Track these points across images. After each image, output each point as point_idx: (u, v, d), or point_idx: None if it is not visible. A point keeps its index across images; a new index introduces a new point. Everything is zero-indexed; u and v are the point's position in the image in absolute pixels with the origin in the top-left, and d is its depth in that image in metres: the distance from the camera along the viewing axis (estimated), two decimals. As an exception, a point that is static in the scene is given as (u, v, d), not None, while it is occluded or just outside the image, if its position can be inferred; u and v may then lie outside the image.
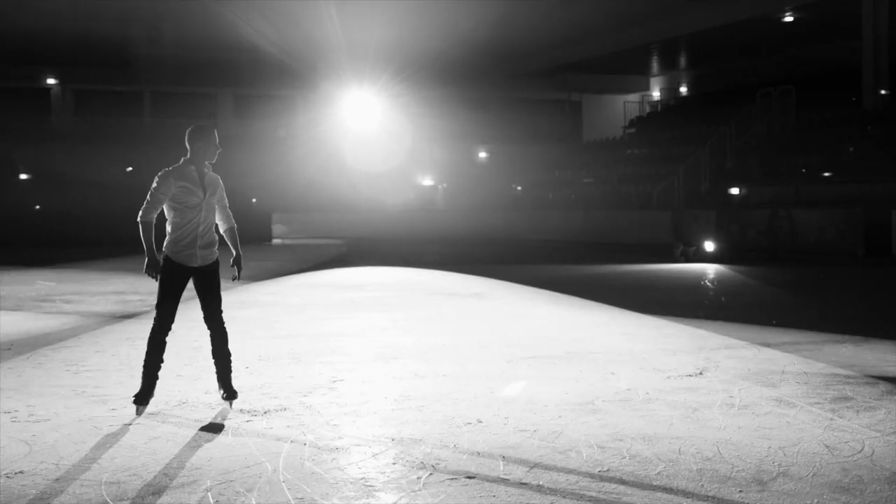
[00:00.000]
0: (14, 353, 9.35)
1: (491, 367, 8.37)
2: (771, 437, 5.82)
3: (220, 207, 6.75)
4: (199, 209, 6.53)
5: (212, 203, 6.63)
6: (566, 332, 10.64)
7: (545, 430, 6.04)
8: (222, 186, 6.78)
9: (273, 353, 9.26)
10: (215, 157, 6.69)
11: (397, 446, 5.67)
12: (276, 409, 6.70)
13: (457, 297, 14.98)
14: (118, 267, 21.52)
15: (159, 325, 6.58)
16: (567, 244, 31.29)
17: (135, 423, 6.25)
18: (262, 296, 15.29)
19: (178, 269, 6.56)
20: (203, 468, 5.19)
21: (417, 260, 24.13)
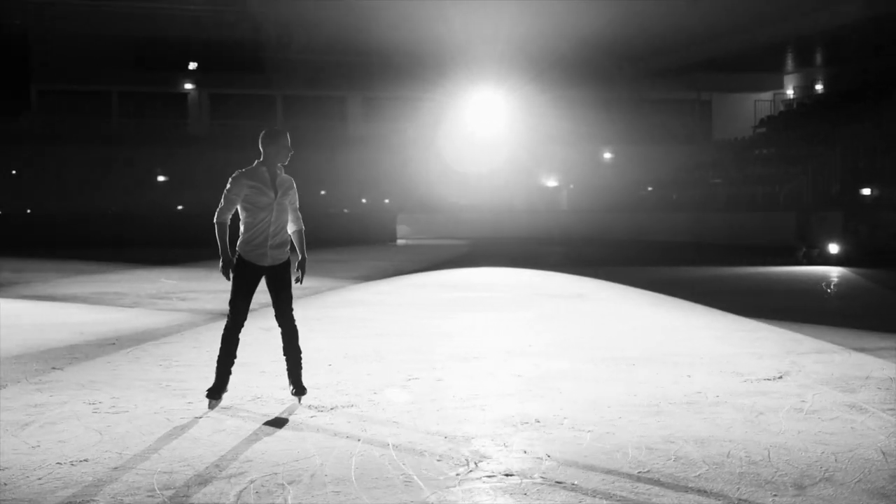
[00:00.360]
0: (117, 347, 9.82)
1: (567, 368, 8.39)
2: (828, 443, 5.70)
3: (291, 209, 6.98)
4: (270, 209, 6.77)
5: (283, 204, 6.85)
6: (656, 335, 10.55)
7: (600, 431, 6.05)
8: (295, 189, 7.00)
9: (359, 352, 9.47)
10: (287, 159, 6.93)
11: (448, 444, 5.78)
12: (344, 406, 6.89)
13: (560, 297, 14.98)
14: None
15: (232, 323, 6.85)
16: (690, 246, 30.78)
17: (205, 417, 6.53)
18: (370, 295, 15.58)
19: (250, 268, 6.82)
20: (255, 461, 5.40)
21: (536, 261, 24.13)
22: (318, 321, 12.08)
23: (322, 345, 9.93)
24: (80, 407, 6.81)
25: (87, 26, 38.18)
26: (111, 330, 11.17)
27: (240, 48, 42.44)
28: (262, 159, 6.89)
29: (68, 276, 19.92)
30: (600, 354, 9.14)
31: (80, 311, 13.19)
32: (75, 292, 16.18)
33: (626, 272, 20.14)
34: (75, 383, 7.71)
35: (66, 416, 6.52)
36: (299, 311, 13.26)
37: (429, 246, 34.14)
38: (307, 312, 13.04)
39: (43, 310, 13.52)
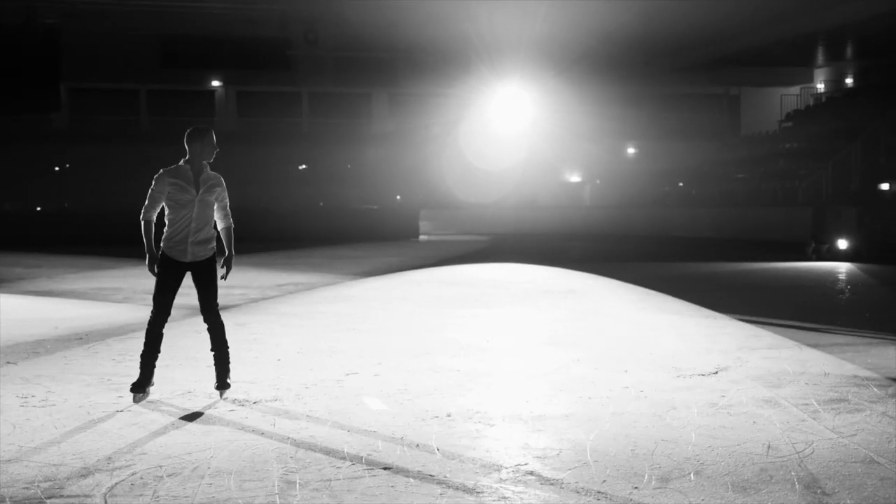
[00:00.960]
0: (83, 342, 10.01)
1: (510, 364, 8.44)
2: (720, 437, 5.73)
3: (218, 206, 7.10)
4: (191, 206, 6.91)
5: (207, 201, 6.98)
6: (622, 331, 10.57)
7: (503, 426, 6.11)
8: (223, 186, 7.13)
9: (317, 346, 9.58)
10: (213, 156, 7.07)
11: (348, 438, 5.87)
12: (268, 400, 7.00)
13: (551, 294, 14.98)
14: (258, 263, 22.42)
15: (155, 318, 6.98)
16: (708, 241, 30.59)
17: (126, 411, 6.67)
18: (363, 291, 15.69)
19: (172, 264, 6.94)
20: (149, 454, 5.53)
21: (551, 257, 24.08)
22: (297, 317, 12.21)
23: (285, 340, 10.05)
24: (11, 400, 6.98)
25: (116, 24, 38.64)
26: (87, 325, 11.37)
27: (266, 45, 42.72)
28: (187, 157, 7.02)
29: (79, 271, 20.25)
30: (552, 350, 9.19)
31: (68, 307, 13.44)
32: (75, 288, 16.46)
33: (631, 268, 20.10)
34: (20, 378, 7.90)
35: (-9, 409, 6.70)
36: (289, 305, 13.58)
37: (448, 242, 34.21)
38: (291, 308, 13.22)
39: (34, 305, 13.79)
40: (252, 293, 15.38)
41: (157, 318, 6.99)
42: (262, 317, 12.21)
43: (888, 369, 7.93)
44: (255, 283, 17.11)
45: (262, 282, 17.37)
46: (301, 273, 19.59)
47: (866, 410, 6.37)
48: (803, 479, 4.87)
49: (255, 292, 15.55)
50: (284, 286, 16.64)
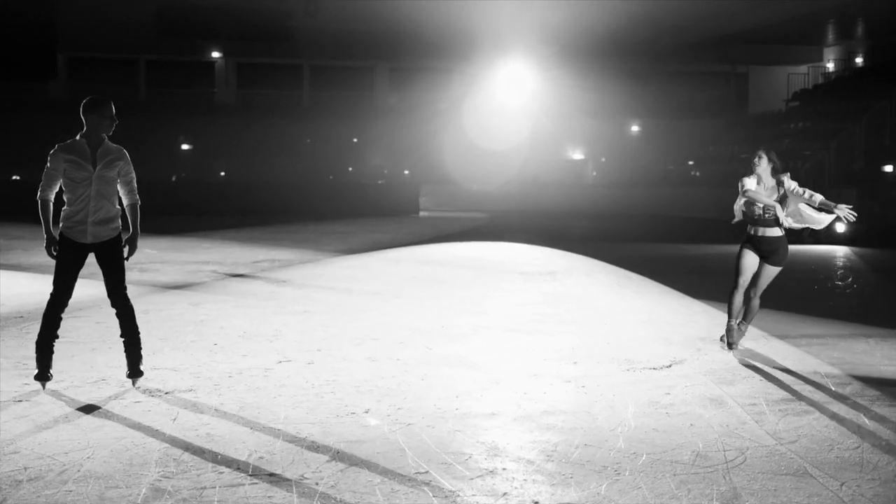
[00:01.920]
0: (22, 320, 9.58)
1: (450, 351, 7.97)
2: (648, 442, 5.26)
3: (122, 182, 6.63)
4: (88, 183, 6.44)
5: (107, 177, 6.51)
6: (590, 317, 10.09)
7: (396, 417, 5.66)
8: (127, 160, 6.65)
9: (261, 330, 9.12)
10: (111, 129, 6.59)
11: (249, 437, 5.43)
12: (183, 391, 6.56)
13: (530, 276, 14.48)
14: (244, 238, 21.97)
15: (53, 301, 6.54)
16: (709, 221, 29.98)
17: (25, 400, 6.23)
18: (334, 269, 15.22)
19: (72, 246, 6.49)
20: (21, 452, 5.09)
21: (549, 235, 23.52)
22: (255, 297, 11.77)
23: (232, 323, 9.61)
24: None
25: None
26: (35, 302, 10.87)
27: (267, 16, 42.19)
28: (84, 131, 6.55)
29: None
30: (507, 338, 8.72)
31: (25, 282, 13.01)
32: (43, 261, 15.99)
33: (624, 249, 19.58)
34: (-67, 360, 7.48)
35: None
36: (253, 284, 13.13)
37: (446, 219, 33.69)
38: (252, 287, 12.78)
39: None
40: (223, 269, 14.95)
41: (55, 301, 6.54)
42: (220, 296, 11.76)
43: (852, 365, 7.44)
44: (231, 258, 16.66)
45: (239, 258, 16.92)
46: (283, 249, 19.13)
47: (815, 413, 5.89)
48: (724, 495, 4.41)
49: (228, 269, 15.12)
50: (259, 263, 16.19)
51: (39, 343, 6.52)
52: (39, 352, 6.50)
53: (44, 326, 6.54)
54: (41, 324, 6.56)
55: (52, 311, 6.53)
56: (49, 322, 6.53)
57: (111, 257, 6.57)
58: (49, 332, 6.53)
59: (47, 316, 6.53)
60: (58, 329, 6.58)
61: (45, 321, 6.54)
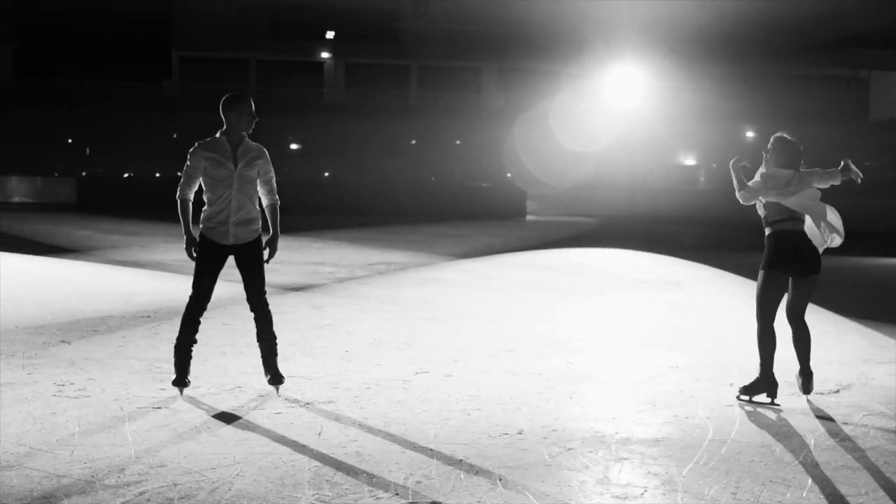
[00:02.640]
0: (149, 320, 9.47)
1: (580, 368, 7.55)
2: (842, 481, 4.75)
3: (262, 181, 6.37)
4: (230, 183, 6.20)
5: (248, 176, 6.26)
6: (722, 332, 9.54)
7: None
8: (266, 158, 6.39)
9: (390, 337, 8.82)
10: (251, 126, 6.34)
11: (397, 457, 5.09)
12: (322, 402, 6.26)
13: (650, 285, 13.96)
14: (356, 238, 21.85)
15: (192, 304, 6.31)
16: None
17: (164, 408, 6.01)
18: (454, 273, 14.91)
19: (213, 247, 6.25)
20: (168, 466, 4.83)
21: (662, 242, 22.89)
22: (377, 301, 11.51)
23: (358, 328, 9.35)
24: (45, 388, 6.40)
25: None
26: (159, 301, 10.85)
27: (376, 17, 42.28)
28: (224, 128, 6.30)
29: (174, 241, 19.94)
30: (647, 354, 8.25)
31: (147, 280, 13.01)
32: (162, 259, 16.10)
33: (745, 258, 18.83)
34: (67, 360, 7.34)
35: (19, 398, 6.11)
36: (373, 287, 12.89)
37: (554, 223, 33.18)
38: (374, 290, 12.53)
39: (113, 276, 13.42)
40: (340, 272, 14.78)
41: (195, 304, 6.31)
42: (341, 300, 11.54)
43: None
44: (346, 260, 16.50)
45: (354, 259, 16.76)
46: (397, 251, 18.93)
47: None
48: None
49: (344, 271, 14.95)
50: (375, 265, 15.99)
51: (178, 347, 6.30)
52: (178, 356, 6.29)
53: (183, 330, 6.32)
54: (180, 327, 6.34)
55: (191, 315, 6.31)
56: (188, 326, 6.31)
57: (252, 260, 6.32)
58: (188, 337, 6.31)
59: (186, 320, 6.31)
60: (196, 333, 6.36)
61: (183, 325, 6.32)
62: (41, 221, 25.50)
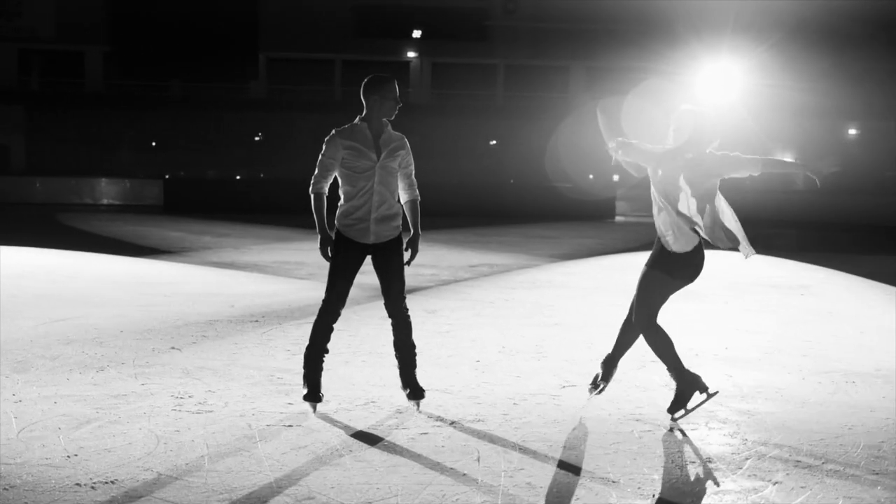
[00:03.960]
0: (258, 325, 8.89)
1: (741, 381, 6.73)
2: None
3: (402, 175, 5.72)
4: (371, 175, 5.55)
5: (390, 167, 5.61)
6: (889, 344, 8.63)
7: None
8: (408, 149, 5.74)
9: (519, 345, 8.11)
10: (394, 112, 5.67)
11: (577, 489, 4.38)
12: (470, 420, 5.58)
13: (776, 289, 13.05)
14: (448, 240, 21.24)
15: (325, 310, 5.68)
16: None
17: (295, 426, 5.38)
18: (561, 276, 14.14)
19: (350, 246, 5.60)
20: (317, 499, 4.18)
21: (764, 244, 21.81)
22: (491, 305, 10.81)
23: (481, 334, 8.66)
24: (164, 401, 5.82)
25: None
26: (264, 304, 10.30)
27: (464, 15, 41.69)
28: (364, 114, 5.65)
29: (266, 242, 19.57)
30: (808, 365, 7.40)
31: (247, 281, 12.50)
32: (258, 260, 15.63)
33: (861, 262, 17.77)
34: (181, 369, 6.77)
35: (137, 413, 5.54)
36: (482, 290, 12.21)
37: (646, 224, 32.16)
38: (485, 294, 11.84)
39: (213, 278, 12.92)
40: (442, 274, 14.13)
41: (327, 310, 5.67)
42: (454, 303, 10.86)
43: None
44: (445, 262, 15.86)
45: (453, 261, 16.11)
46: (494, 253, 18.24)
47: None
48: None
49: (446, 273, 14.29)
50: (477, 267, 15.32)
51: (309, 358, 5.68)
52: (309, 368, 5.67)
53: (314, 339, 5.69)
54: (311, 335, 5.72)
55: (324, 322, 5.68)
56: (321, 335, 5.68)
57: (392, 260, 5.67)
58: (320, 347, 5.69)
59: (318, 327, 5.69)
60: (329, 342, 5.73)
61: (316, 333, 5.69)
62: (132, 223, 25.33)
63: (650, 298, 5.74)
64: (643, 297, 5.77)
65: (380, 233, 5.62)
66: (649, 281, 5.75)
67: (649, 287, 5.75)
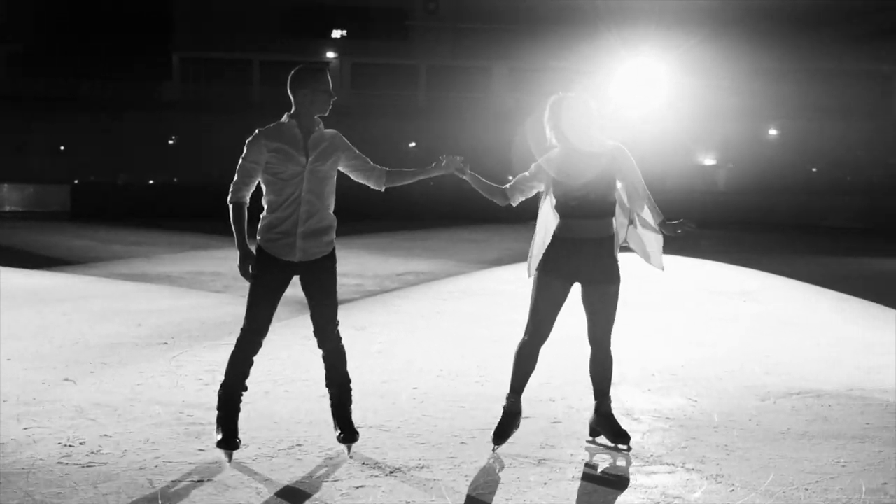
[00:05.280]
0: (168, 347, 7.98)
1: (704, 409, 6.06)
2: None
3: (359, 171, 5.02)
4: (299, 181, 4.73)
5: (321, 172, 4.81)
6: (853, 356, 8.06)
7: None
8: (346, 145, 4.96)
9: (459, 367, 7.34)
10: (328, 107, 4.87)
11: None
12: (413, 468, 4.78)
13: (725, 296, 12.49)
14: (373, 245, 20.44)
15: (245, 341, 4.87)
16: (868, 233, 27.48)
17: (207, 481, 4.52)
18: (495, 284, 13.42)
19: (274, 264, 4.78)
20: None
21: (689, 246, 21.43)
22: (424, 319, 10.04)
23: (417, 354, 7.88)
24: (50, 451, 4.90)
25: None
26: (175, 322, 9.37)
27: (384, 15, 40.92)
28: (293, 111, 4.83)
29: (181, 251, 18.56)
30: (772, 383, 6.75)
31: (158, 296, 11.52)
32: (171, 271, 14.65)
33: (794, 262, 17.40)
34: (74, 408, 5.84)
35: (15, 469, 4.62)
36: (408, 303, 11.40)
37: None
38: (414, 306, 11.06)
39: (120, 292, 11.92)
40: (368, 284, 13.32)
41: (247, 339, 4.84)
42: (384, 318, 10.06)
43: None
44: (371, 270, 15.05)
45: (378, 269, 15.31)
46: (420, 259, 17.50)
47: None
48: None
49: (371, 283, 13.49)
50: (403, 276, 14.56)
51: (224, 399, 4.84)
52: (224, 410, 4.82)
53: (231, 374, 4.85)
54: (227, 371, 4.88)
55: (242, 356, 4.84)
56: (238, 371, 4.84)
57: (324, 282, 4.87)
58: (237, 384, 4.86)
59: (236, 361, 4.84)
60: (248, 378, 4.89)
61: (233, 367, 4.85)
62: (35, 231, 24.02)
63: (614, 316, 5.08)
64: (613, 318, 5.07)
65: (308, 249, 4.81)
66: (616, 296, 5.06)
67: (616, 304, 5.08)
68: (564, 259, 4.99)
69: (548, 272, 5.04)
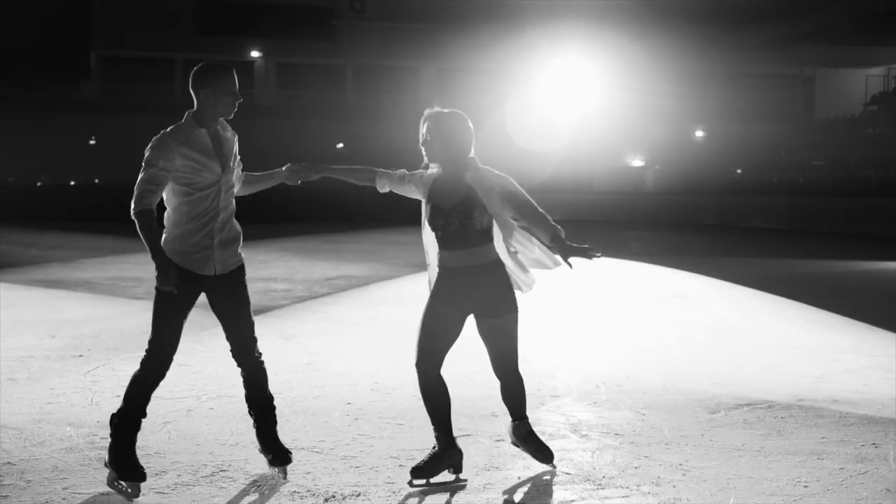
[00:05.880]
0: (83, 360, 7.49)
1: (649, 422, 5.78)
2: None
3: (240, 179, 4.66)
4: (216, 192, 4.32)
5: (231, 180, 4.45)
6: (796, 362, 7.87)
7: None
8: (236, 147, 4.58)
9: (388, 380, 6.98)
10: (233, 111, 4.44)
11: None
12: (349, 495, 4.40)
13: (661, 298, 12.31)
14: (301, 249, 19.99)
15: (152, 364, 4.41)
16: (794, 234, 27.70)
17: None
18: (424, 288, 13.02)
19: (185, 278, 4.34)
20: None
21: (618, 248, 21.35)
22: (356, 326, 9.67)
23: (349, 365, 7.50)
24: (-57, 485, 4.43)
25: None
26: (92, 333, 8.85)
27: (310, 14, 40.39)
28: (194, 111, 4.39)
29: (100, 255, 17.91)
30: (720, 394, 6.51)
31: (74, 304, 10.98)
32: (90, 277, 14.06)
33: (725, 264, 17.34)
34: (-27, 435, 5.35)
35: None
36: (339, 309, 11.00)
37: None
38: (346, 312, 10.68)
39: (34, 298, 11.35)
40: (297, 289, 12.88)
41: (156, 358, 4.40)
42: (313, 325, 9.67)
43: None
44: (299, 275, 14.60)
45: (307, 273, 14.87)
46: (350, 263, 17.07)
47: None
48: None
49: (300, 288, 13.06)
50: (334, 280, 14.13)
51: (121, 425, 4.38)
52: (121, 439, 4.35)
53: (133, 400, 4.39)
54: (128, 394, 4.41)
55: (150, 377, 4.40)
56: (140, 393, 4.41)
57: (238, 294, 4.46)
58: (138, 409, 4.40)
59: (142, 384, 4.40)
60: (148, 404, 4.43)
61: (134, 391, 4.41)
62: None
63: None
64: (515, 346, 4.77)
65: (226, 260, 4.42)
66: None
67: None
68: (455, 287, 4.60)
69: (440, 296, 4.63)
